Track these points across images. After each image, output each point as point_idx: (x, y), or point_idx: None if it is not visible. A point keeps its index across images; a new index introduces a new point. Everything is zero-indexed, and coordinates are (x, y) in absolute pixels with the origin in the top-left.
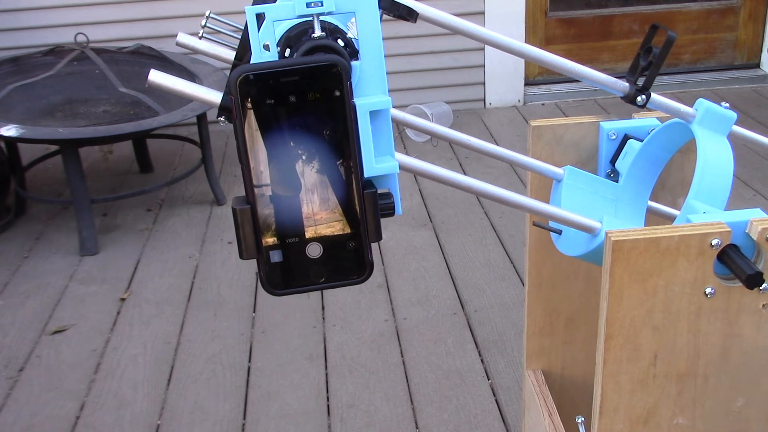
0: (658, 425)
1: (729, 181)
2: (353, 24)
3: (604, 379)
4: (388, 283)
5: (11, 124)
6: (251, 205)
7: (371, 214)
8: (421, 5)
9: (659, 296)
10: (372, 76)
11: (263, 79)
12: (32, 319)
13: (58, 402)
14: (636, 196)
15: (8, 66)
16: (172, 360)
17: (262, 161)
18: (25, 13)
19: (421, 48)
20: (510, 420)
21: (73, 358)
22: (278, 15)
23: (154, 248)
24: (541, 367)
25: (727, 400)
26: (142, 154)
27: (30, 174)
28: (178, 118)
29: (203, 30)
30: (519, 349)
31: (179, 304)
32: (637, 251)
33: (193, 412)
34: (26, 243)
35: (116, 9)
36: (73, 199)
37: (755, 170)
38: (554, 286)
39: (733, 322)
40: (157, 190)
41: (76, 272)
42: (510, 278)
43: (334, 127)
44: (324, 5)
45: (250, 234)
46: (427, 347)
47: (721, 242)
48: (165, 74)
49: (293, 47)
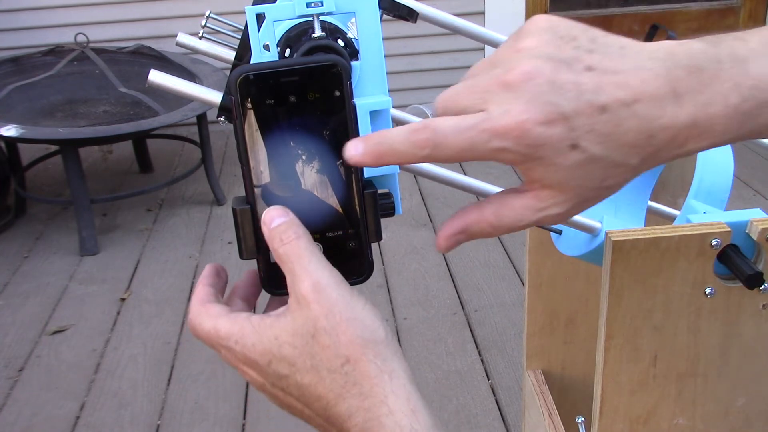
0: (658, 425)
1: (729, 181)
2: (353, 24)
3: (604, 379)
4: (388, 283)
5: (11, 124)
6: (251, 205)
7: (371, 214)
8: (421, 5)
9: (659, 296)
10: (372, 76)
11: (263, 79)
12: (32, 319)
13: (58, 402)
14: (636, 196)
15: (8, 66)
16: (172, 360)
17: (262, 161)
18: (25, 13)
19: (421, 48)
20: (510, 420)
21: (73, 358)
22: (278, 15)
23: (154, 248)
24: (541, 367)
25: (727, 400)
26: (142, 154)
27: (30, 174)
28: (178, 118)
29: (203, 30)
30: (519, 349)
31: (179, 304)
32: (637, 251)
33: (193, 412)
34: (26, 243)
35: (116, 9)
36: (73, 199)
37: (755, 170)
38: (554, 286)
39: (733, 322)
40: (157, 190)
41: (76, 272)
42: (510, 278)
43: (334, 127)
44: (324, 5)
45: (250, 234)
46: (427, 347)
47: (721, 242)
48: (165, 74)
49: (293, 47)
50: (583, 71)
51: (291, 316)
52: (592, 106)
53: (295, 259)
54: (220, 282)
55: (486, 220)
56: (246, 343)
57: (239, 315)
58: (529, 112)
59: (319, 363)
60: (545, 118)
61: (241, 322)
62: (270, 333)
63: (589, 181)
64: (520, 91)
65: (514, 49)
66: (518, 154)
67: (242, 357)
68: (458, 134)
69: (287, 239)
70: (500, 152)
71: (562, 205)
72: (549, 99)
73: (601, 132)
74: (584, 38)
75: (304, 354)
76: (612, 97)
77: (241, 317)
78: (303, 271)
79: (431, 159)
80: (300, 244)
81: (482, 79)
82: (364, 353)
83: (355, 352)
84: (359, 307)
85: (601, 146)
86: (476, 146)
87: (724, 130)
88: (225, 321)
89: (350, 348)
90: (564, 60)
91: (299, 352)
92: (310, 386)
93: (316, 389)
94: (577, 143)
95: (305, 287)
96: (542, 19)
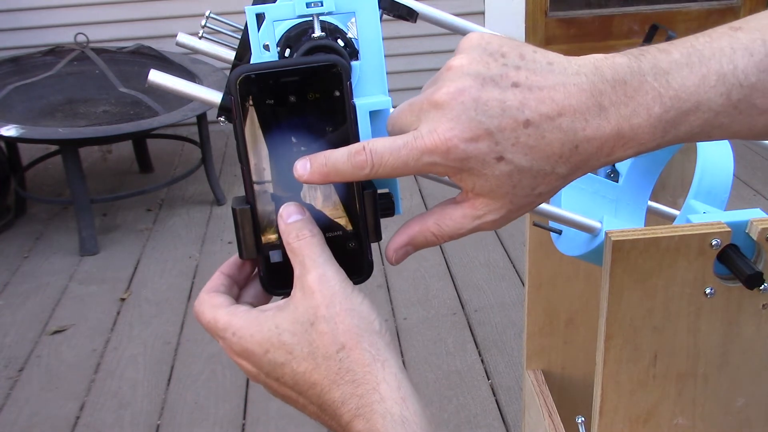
0: (658, 425)
1: (729, 181)
2: (353, 24)
3: (604, 379)
4: (388, 283)
5: (11, 124)
6: (251, 205)
7: (371, 214)
8: (421, 5)
9: (659, 296)
10: (372, 76)
11: (263, 79)
12: (32, 319)
13: (58, 402)
14: (636, 196)
15: (8, 66)
16: (172, 360)
17: (262, 161)
18: (25, 13)
19: (421, 48)
20: (510, 420)
21: (73, 358)
22: (278, 15)
23: (154, 248)
24: (541, 367)
25: (727, 400)
26: (142, 154)
27: (30, 174)
28: (178, 118)
29: (203, 30)
30: (519, 349)
31: (179, 304)
32: (637, 251)
33: (193, 412)
34: (26, 243)
35: (116, 9)
36: (73, 199)
37: (755, 170)
38: (554, 286)
39: (733, 322)
40: (157, 190)
41: (76, 272)
42: (510, 278)
43: (334, 127)
44: (324, 5)
45: (249, 234)
46: (427, 347)
47: (721, 242)
48: (165, 74)
49: (293, 47)
50: (509, 87)
51: (293, 305)
52: (516, 121)
53: (307, 253)
54: (240, 274)
55: (429, 230)
56: (244, 334)
57: (239, 307)
58: (454, 130)
59: (316, 350)
60: (470, 134)
61: (240, 314)
62: (271, 322)
63: (520, 190)
64: (446, 109)
65: (446, 67)
66: (448, 167)
67: (238, 348)
68: (392, 154)
69: (302, 236)
70: (432, 166)
71: (497, 212)
72: (473, 116)
73: (525, 144)
74: (513, 55)
75: (303, 341)
76: (536, 112)
77: (240, 309)
78: (312, 263)
79: (372, 177)
80: (314, 242)
81: (419, 98)
82: (359, 342)
83: (350, 340)
84: (358, 300)
85: (527, 157)
86: (409, 163)
87: (648, 138)
88: (224, 312)
89: (346, 335)
90: (491, 77)
91: (298, 339)
92: (305, 374)
93: (311, 376)
94: (503, 155)
95: (312, 278)
96: (475, 37)
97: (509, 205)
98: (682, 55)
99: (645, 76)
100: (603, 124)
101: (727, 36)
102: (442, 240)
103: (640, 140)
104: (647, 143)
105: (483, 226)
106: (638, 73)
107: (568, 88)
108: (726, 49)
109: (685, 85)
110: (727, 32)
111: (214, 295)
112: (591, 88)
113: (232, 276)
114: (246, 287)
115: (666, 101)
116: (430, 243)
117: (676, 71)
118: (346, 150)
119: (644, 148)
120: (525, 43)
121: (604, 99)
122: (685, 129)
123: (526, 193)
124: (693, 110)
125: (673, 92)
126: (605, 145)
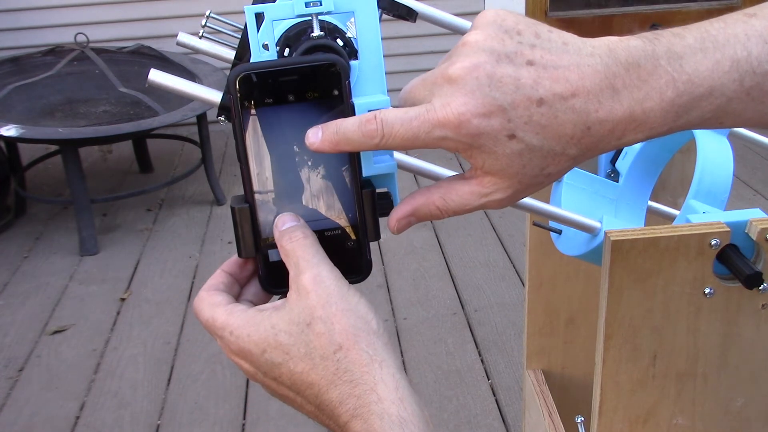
0: (658, 425)
1: (729, 181)
2: (352, 24)
3: (603, 379)
4: (388, 283)
5: (11, 124)
6: (250, 204)
7: (369, 214)
8: (421, 5)
9: (658, 296)
10: (371, 76)
11: (262, 78)
12: (32, 319)
13: (58, 402)
14: (636, 196)
15: (8, 66)
16: (172, 360)
17: (261, 160)
18: (25, 13)
19: (421, 48)
20: (510, 420)
21: (73, 358)
22: (277, 15)
23: (154, 248)
24: (541, 367)
25: (726, 400)
26: (142, 154)
27: (30, 174)
28: (178, 118)
29: (203, 30)
30: (519, 349)
31: (179, 304)
32: (637, 251)
33: (193, 412)
34: (26, 243)
35: (116, 9)
36: (73, 199)
37: (755, 170)
38: (554, 286)
39: (733, 322)
40: (157, 190)
41: (76, 272)
42: (510, 278)
43: None
44: (323, 5)
45: (248, 233)
46: (427, 347)
47: (721, 242)
48: (165, 74)
49: (292, 47)
50: (524, 65)
51: (289, 306)
52: (530, 99)
53: (300, 253)
54: (242, 272)
55: (433, 203)
56: (241, 334)
57: (237, 306)
58: (467, 104)
59: (313, 350)
60: (483, 110)
61: (238, 313)
62: (267, 323)
63: (529, 169)
64: (460, 83)
65: (461, 42)
66: (459, 142)
67: (235, 348)
68: (403, 125)
69: (295, 238)
70: (442, 141)
71: (505, 191)
72: (487, 92)
73: (538, 123)
74: (529, 33)
75: (299, 342)
76: (549, 91)
77: (238, 308)
78: (306, 264)
79: (382, 147)
80: (306, 242)
81: (433, 72)
82: (357, 342)
83: (347, 341)
84: (354, 300)
85: (539, 137)
86: (420, 136)
87: (660, 123)
88: (222, 311)
89: (343, 336)
90: (506, 54)
91: (294, 339)
92: (302, 374)
93: (308, 376)
94: (515, 133)
95: (306, 278)
96: (490, 14)
97: (517, 185)
98: (696, 39)
99: (659, 60)
100: (616, 107)
101: (741, 22)
102: (446, 215)
103: (651, 124)
104: (658, 127)
105: (489, 204)
106: (652, 56)
107: (582, 69)
108: (740, 35)
109: (698, 70)
110: (742, 18)
111: (213, 294)
112: (605, 70)
113: (234, 274)
114: (247, 285)
115: (679, 86)
116: (434, 216)
117: (690, 56)
118: (357, 119)
119: (655, 133)
120: (540, 22)
121: (618, 81)
122: (696, 114)
123: (536, 173)
124: (706, 95)
125: (686, 77)
126: (617, 127)
